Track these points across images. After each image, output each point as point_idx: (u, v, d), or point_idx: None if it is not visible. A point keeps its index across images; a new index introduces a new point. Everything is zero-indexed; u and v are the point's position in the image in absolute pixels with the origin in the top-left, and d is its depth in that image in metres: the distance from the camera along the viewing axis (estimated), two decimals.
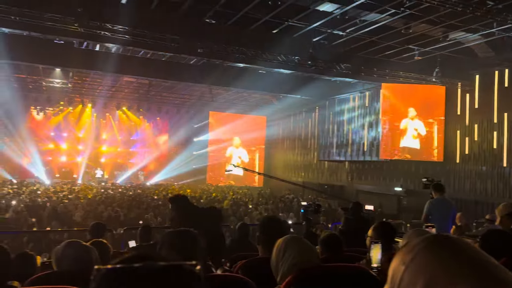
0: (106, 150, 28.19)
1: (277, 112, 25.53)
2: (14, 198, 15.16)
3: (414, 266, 0.75)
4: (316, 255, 2.02)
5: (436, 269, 0.73)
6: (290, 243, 1.98)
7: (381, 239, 2.76)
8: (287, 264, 1.88)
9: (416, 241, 0.80)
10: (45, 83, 20.61)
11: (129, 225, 9.71)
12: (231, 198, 18.60)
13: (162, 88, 22.36)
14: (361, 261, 2.70)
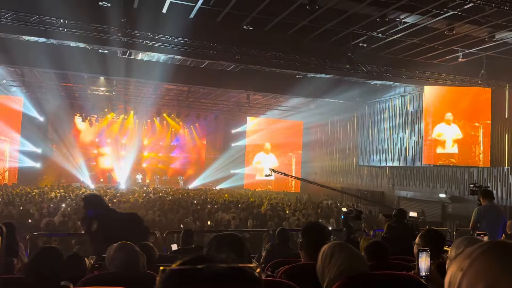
0: (148, 155, 28.99)
1: (314, 117, 25.33)
2: (62, 202, 15.86)
3: (472, 271, 0.74)
4: (364, 263, 1.98)
5: (498, 273, 0.71)
6: (336, 249, 1.95)
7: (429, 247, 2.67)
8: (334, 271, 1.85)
9: (473, 248, 0.79)
10: (90, 91, 21.53)
11: (170, 229, 9.90)
12: (269, 203, 18.58)
13: (200, 94, 22.77)
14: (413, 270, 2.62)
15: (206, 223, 13.02)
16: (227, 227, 12.15)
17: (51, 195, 17.90)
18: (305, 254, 2.82)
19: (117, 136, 27.56)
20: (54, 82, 20.05)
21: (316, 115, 24.84)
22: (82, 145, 26.39)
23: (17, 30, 12.25)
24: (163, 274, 0.68)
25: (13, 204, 14.35)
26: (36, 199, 16.21)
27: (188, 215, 14.27)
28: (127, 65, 15.69)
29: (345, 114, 23.71)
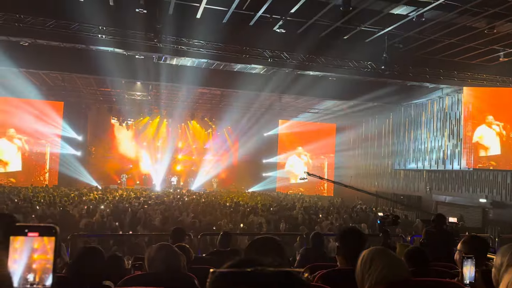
0: (182, 158, 29.47)
1: (348, 119, 24.98)
2: (100, 203, 16.37)
3: None
4: (406, 269, 1.92)
5: None
6: (376, 255, 1.90)
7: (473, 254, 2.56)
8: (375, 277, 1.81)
9: None
10: (127, 96, 22.17)
11: (204, 231, 10.01)
12: (301, 206, 18.45)
13: (233, 98, 22.95)
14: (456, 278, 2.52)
15: (239, 226, 13.08)
16: (259, 230, 12.15)
17: (90, 196, 18.51)
18: (342, 259, 2.77)
19: (153, 139, 28.20)
20: (92, 87, 20.79)
21: (349, 118, 24.48)
22: (119, 148, 27.17)
23: (58, 37, 12.79)
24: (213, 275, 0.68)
25: (55, 205, 14.93)
26: (75, 200, 16.81)
27: (221, 218, 14.38)
28: (162, 70, 16.05)
29: (380, 117, 23.24)
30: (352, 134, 26.34)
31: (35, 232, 0.75)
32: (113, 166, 26.16)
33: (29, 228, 0.76)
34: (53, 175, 23.74)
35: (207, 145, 29.79)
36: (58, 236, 0.76)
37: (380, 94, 17.80)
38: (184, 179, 28.85)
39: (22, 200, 15.59)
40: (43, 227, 0.77)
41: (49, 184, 22.85)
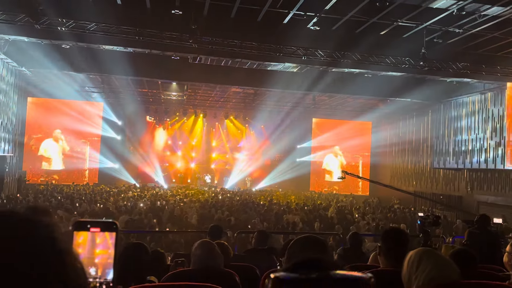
0: (216, 157, 29.80)
1: (384, 117, 24.43)
2: (138, 200, 16.82)
3: None
4: (455, 270, 1.85)
5: None
6: (424, 256, 1.84)
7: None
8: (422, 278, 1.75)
9: None
10: (163, 96, 22.66)
11: (238, 229, 10.07)
12: (336, 206, 18.23)
13: (266, 96, 22.96)
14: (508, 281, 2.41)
15: (273, 225, 13.07)
16: (293, 229, 12.10)
17: (129, 194, 19.05)
18: (385, 260, 2.71)
19: (188, 138, 28.67)
20: (130, 88, 21.38)
21: (386, 115, 23.92)
22: (156, 147, 27.81)
23: (98, 40, 13.23)
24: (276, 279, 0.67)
25: (95, 202, 15.47)
26: (115, 198, 17.35)
27: (255, 216, 14.43)
28: (197, 70, 16.28)
29: (418, 114, 22.58)
30: (389, 132, 25.73)
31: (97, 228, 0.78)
32: (150, 165, 26.80)
33: (91, 224, 0.78)
34: (94, 173, 24.60)
35: (240, 144, 29.96)
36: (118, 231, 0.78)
37: (418, 91, 17.30)
38: (218, 177, 29.16)
39: (65, 198, 16.24)
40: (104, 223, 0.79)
41: (90, 182, 23.68)
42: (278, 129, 27.53)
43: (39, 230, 0.58)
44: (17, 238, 0.55)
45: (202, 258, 2.46)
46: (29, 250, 0.54)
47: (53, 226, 0.60)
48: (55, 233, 0.59)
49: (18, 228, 0.56)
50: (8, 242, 0.53)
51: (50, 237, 0.58)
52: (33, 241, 0.55)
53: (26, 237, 0.56)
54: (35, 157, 23.15)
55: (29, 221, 0.58)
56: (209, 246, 2.58)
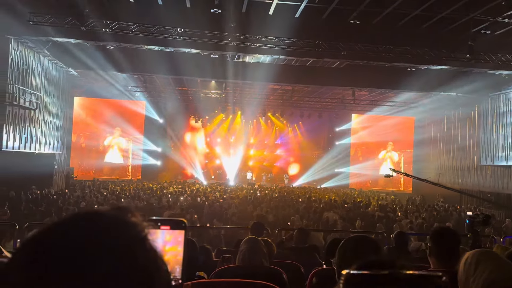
0: (254, 154, 29.94)
1: (428, 112, 23.60)
2: (180, 196, 17.21)
3: None
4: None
5: None
6: (482, 257, 1.76)
7: None
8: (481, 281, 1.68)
9: None
10: (202, 94, 23.02)
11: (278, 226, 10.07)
12: (377, 203, 17.83)
13: (304, 93, 22.79)
14: None
15: (312, 222, 12.97)
16: (333, 227, 11.96)
17: (170, 190, 19.51)
18: (436, 261, 2.62)
19: (226, 135, 28.99)
20: (171, 87, 21.87)
21: (430, 110, 23.11)
22: (196, 144, 28.34)
23: (140, 40, 13.62)
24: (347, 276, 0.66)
25: (139, 198, 15.96)
26: (157, 194, 17.82)
27: (294, 213, 14.38)
28: (235, 68, 16.40)
29: (464, 109, 21.63)
30: (433, 127, 24.83)
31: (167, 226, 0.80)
32: (190, 162, 27.34)
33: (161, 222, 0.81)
34: (137, 170, 25.40)
35: (278, 141, 29.94)
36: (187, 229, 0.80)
37: (465, 85, 16.57)
38: (256, 174, 29.30)
39: (110, 194, 16.86)
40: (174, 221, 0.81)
41: (133, 178, 24.47)
42: (317, 126, 27.27)
43: (129, 230, 0.60)
44: (108, 238, 0.57)
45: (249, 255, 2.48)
46: (120, 250, 0.56)
47: (142, 226, 0.62)
48: (144, 233, 0.61)
49: (109, 228, 0.58)
50: (99, 243, 0.55)
51: (140, 237, 0.60)
52: (124, 242, 0.57)
53: (117, 237, 0.57)
54: (82, 154, 24.19)
55: (118, 221, 0.60)
56: (256, 243, 2.60)
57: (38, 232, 0.58)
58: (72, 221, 0.59)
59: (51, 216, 10.74)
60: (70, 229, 0.57)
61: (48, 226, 0.58)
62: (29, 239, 0.56)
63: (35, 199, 13.93)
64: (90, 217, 0.59)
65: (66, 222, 0.59)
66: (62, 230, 0.57)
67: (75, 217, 0.59)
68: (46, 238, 0.56)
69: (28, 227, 6.73)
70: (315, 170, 27.90)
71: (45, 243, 0.55)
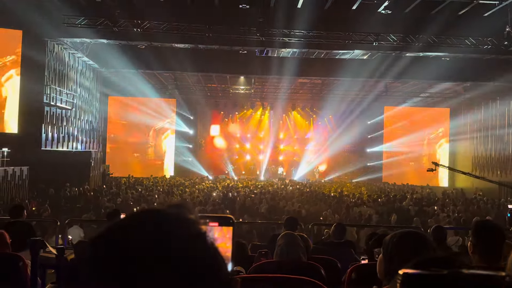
0: (283, 148, 29.85)
1: (464, 103, 22.80)
2: (211, 192, 17.41)
3: None
4: None
5: None
6: None
7: None
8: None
9: None
10: (231, 90, 23.14)
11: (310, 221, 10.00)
12: (412, 197, 17.41)
13: (334, 86, 22.50)
14: None
15: (345, 217, 12.82)
16: (367, 222, 11.79)
17: (202, 186, 19.77)
18: (479, 257, 2.52)
19: (256, 131, 29.04)
20: (201, 84, 22.11)
21: (466, 101, 22.31)
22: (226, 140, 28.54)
23: (170, 39, 13.83)
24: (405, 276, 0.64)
25: (172, 194, 16.26)
26: (190, 190, 18.10)
27: (326, 208, 14.27)
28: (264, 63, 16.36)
29: (503, 98, 20.73)
30: (469, 118, 23.94)
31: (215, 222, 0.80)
32: (221, 158, 27.59)
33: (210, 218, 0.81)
34: (169, 166, 25.88)
35: (308, 135, 29.71)
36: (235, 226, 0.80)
37: (502, 73, 15.88)
38: (286, 169, 29.23)
39: (145, 190, 17.25)
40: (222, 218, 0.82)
41: (166, 174, 24.94)
42: (348, 119, 26.86)
43: (192, 227, 0.60)
44: (174, 235, 0.57)
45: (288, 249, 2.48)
46: (184, 247, 0.56)
47: (200, 222, 0.62)
48: (203, 229, 0.61)
49: (174, 225, 0.59)
50: (167, 240, 0.56)
51: (201, 234, 0.60)
52: (188, 238, 0.58)
53: (181, 234, 0.58)
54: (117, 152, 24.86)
55: (182, 218, 0.61)
56: (294, 238, 2.59)
57: (107, 229, 0.59)
58: (137, 218, 0.60)
59: (89, 212, 11.11)
60: (137, 227, 0.57)
61: (114, 223, 0.59)
62: (99, 236, 0.57)
63: (73, 196, 14.43)
64: (154, 215, 0.60)
65: (132, 220, 0.59)
66: (129, 228, 0.58)
67: (139, 215, 0.60)
68: (115, 235, 0.57)
69: (68, 223, 6.99)
70: (346, 164, 27.55)
71: (115, 241, 0.56)
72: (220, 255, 0.61)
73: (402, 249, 1.64)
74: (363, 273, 2.50)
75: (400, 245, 1.65)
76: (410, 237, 1.71)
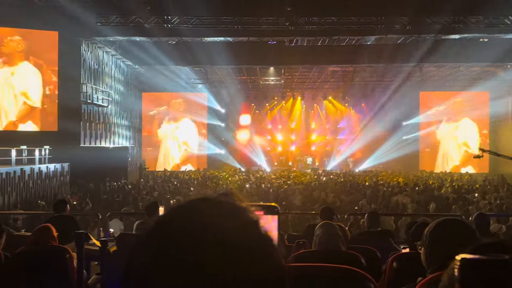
0: (315, 139, 29.61)
1: (505, 85, 21.78)
2: (245, 183, 17.54)
3: None
4: None
5: None
6: None
7: None
8: None
9: None
10: (261, 81, 23.11)
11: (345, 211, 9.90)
12: (451, 185, 16.89)
13: (366, 73, 22.02)
14: None
15: (382, 206, 12.60)
16: (403, 211, 11.54)
17: (235, 178, 19.94)
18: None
19: (287, 121, 28.92)
20: (231, 77, 22.19)
21: (507, 83, 21.30)
22: (257, 132, 28.58)
23: (200, 33, 13.92)
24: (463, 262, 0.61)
25: (206, 187, 16.50)
26: (223, 182, 18.30)
27: (361, 198, 14.07)
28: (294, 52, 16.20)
29: None
30: (510, 101, 22.88)
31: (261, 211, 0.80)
32: (253, 149, 27.69)
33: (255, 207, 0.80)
34: (203, 159, 26.24)
35: (340, 124, 29.31)
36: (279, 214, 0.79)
37: None
38: (319, 159, 29.00)
39: (180, 182, 17.60)
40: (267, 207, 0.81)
41: (200, 167, 25.32)
42: (381, 106, 26.25)
43: (246, 214, 0.60)
44: (230, 222, 0.57)
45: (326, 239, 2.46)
46: (239, 235, 0.56)
47: (251, 210, 0.62)
48: (255, 217, 0.61)
49: (228, 212, 0.58)
50: (223, 227, 0.55)
51: (255, 221, 0.60)
52: (240, 226, 0.57)
53: (237, 221, 0.57)
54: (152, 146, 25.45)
55: (235, 206, 0.60)
56: (332, 228, 2.56)
57: (163, 217, 0.59)
58: (191, 206, 0.60)
59: (128, 205, 11.45)
60: (192, 214, 0.57)
61: (168, 212, 0.60)
62: (155, 225, 0.58)
63: (112, 190, 14.90)
64: (208, 203, 0.60)
65: (186, 209, 0.60)
66: (185, 216, 0.58)
67: (193, 203, 0.60)
68: (172, 222, 0.57)
69: (109, 216, 7.22)
70: (381, 152, 26.99)
71: (171, 228, 0.56)
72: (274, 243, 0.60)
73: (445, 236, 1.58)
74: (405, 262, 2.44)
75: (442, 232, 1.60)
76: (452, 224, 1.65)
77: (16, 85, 14.74)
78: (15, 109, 14.79)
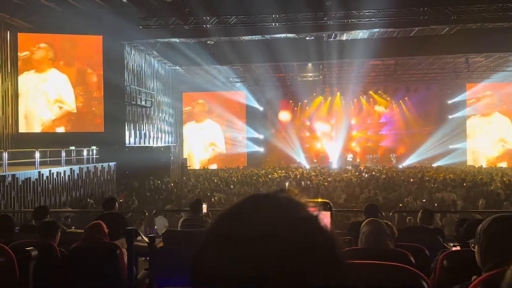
0: (356, 134, 29.04)
1: None
2: (284, 181, 17.49)
3: None
4: None
5: None
6: None
7: None
8: None
9: None
10: (300, 78, 22.95)
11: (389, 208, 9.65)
12: (501, 180, 16.04)
13: (409, 66, 21.34)
14: None
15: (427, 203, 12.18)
16: (451, 208, 11.10)
17: (274, 175, 19.94)
18: None
19: (327, 118, 28.55)
20: (269, 74, 22.21)
21: None
22: (296, 129, 28.41)
23: (238, 32, 14.00)
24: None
25: (247, 184, 16.61)
26: (263, 179, 18.36)
27: (406, 195, 13.67)
28: (333, 47, 15.97)
29: None
30: None
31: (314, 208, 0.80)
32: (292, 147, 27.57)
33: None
34: (243, 157, 26.46)
35: (382, 119, 28.58)
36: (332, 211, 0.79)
37: None
38: (360, 156, 28.44)
39: (220, 180, 17.83)
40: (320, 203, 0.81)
41: (240, 165, 25.55)
42: (425, 100, 25.35)
43: (306, 209, 0.60)
44: (286, 219, 0.57)
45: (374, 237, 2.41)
46: (300, 229, 0.56)
47: (310, 206, 0.62)
48: (315, 212, 0.61)
49: (285, 209, 0.59)
50: (278, 225, 0.56)
51: (312, 216, 0.60)
52: (300, 221, 0.58)
53: (294, 217, 0.58)
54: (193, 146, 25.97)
55: (291, 202, 0.61)
56: (379, 225, 2.51)
57: (225, 213, 0.60)
58: (252, 203, 0.61)
59: (171, 203, 11.74)
60: (254, 211, 0.58)
61: (227, 211, 0.61)
62: (219, 222, 0.59)
63: (156, 188, 15.33)
64: (270, 200, 0.60)
65: (246, 206, 0.61)
66: (247, 213, 0.59)
67: (253, 200, 0.61)
68: (232, 223, 0.59)
69: (155, 213, 7.44)
70: (426, 148, 26.08)
71: (235, 225, 0.58)
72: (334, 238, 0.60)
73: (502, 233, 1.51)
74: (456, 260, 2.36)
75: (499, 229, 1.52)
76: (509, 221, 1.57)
77: (59, 90, 15.54)
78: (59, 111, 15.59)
